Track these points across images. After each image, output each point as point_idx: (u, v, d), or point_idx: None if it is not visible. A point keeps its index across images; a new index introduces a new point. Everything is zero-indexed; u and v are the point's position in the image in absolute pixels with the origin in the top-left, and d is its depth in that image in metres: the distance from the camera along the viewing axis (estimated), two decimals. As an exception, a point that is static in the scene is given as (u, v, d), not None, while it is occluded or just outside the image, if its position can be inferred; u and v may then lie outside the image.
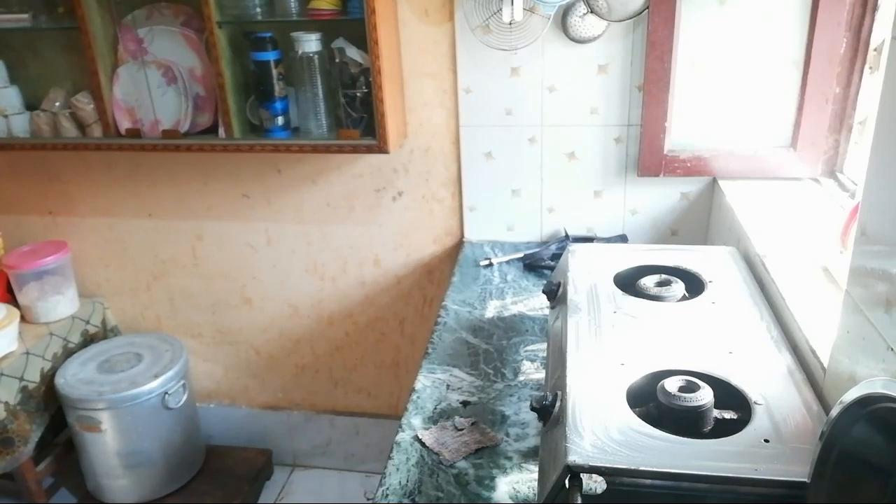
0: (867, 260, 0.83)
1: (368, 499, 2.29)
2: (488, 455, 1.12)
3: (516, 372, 1.35)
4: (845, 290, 0.88)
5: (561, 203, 1.88)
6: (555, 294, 1.27)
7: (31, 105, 1.95)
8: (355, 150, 1.72)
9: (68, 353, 2.12)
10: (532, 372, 1.34)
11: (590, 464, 0.78)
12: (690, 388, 0.88)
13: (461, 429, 1.18)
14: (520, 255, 1.82)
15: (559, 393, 0.93)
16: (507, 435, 1.17)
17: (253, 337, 2.31)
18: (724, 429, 0.86)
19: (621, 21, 1.62)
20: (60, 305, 2.13)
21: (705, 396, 0.87)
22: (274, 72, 1.70)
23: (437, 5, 1.73)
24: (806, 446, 0.81)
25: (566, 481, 0.78)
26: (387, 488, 1.06)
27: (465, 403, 1.26)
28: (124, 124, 1.84)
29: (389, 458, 1.12)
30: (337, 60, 1.69)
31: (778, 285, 1.19)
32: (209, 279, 2.23)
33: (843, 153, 1.62)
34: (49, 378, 2.02)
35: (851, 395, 0.65)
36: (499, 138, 1.83)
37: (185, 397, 2.10)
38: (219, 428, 2.44)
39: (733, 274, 1.25)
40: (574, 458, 0.79)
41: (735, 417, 0.89)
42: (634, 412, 0.88)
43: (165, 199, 2.13)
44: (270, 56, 1.69)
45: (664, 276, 1.21)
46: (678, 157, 1.71)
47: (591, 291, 1.20)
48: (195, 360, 2.37)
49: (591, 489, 0.77)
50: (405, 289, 2.12)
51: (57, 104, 1.90)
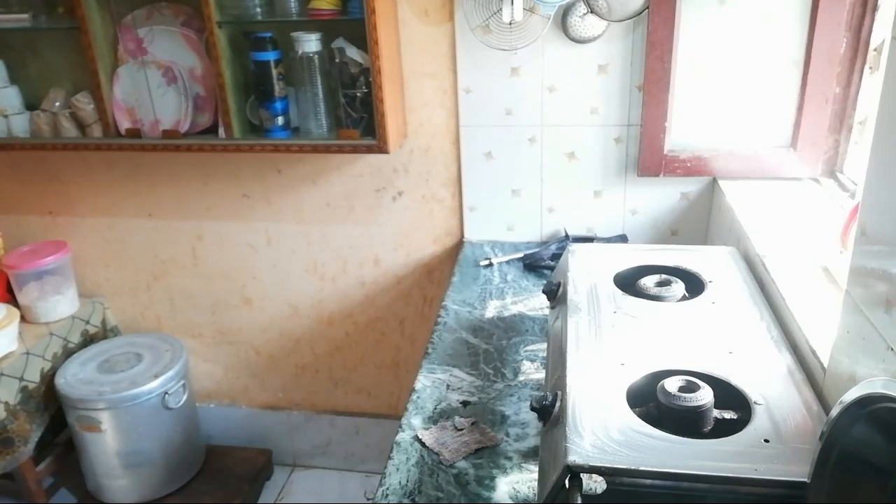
0: (867, 260, 0.83)
1: (368, 499, 2.29)
2: (488, 455, 1.12)
3: (516, 372, 1.35)
4: (845, 290, 0.88)
5: (561, 203, 1.88)
6: (555, 294, 1.27)
7: (31, 105, 1.95)
8: (355, 150, 1.72)
9: (68, 353, 2.12)
10: (532, 372, 1.34)
11: (590, 464, 0.78)
12: (690, 388, 0.88)
13: (461, 429, 1.18)
14: (520, 255, 1.82)
15: (559, 393, 0.93)
16: (507, 435, 1.17)
17: (253, 337, 2.31)
18: (724, 429, 0.86)
19: (621, 21, 1.62)
20: (60, 305, 2.13)
21: (705, 396, 0.87)
22: (274, 72, 1.70)
23: (437, 5, 1.73)
24: (806, 446, 0.81)
25: (566, 481, 0.78)
26: (387, 488, 1.06)
27: (465, 403, 1.26)
28: (124, 124, 1.84)
29: (389, 458, 1.12)
30: (337, 60, 1.69)
31: (778, 285, 1.19)
32: (209, 279, 2.23)
33: (843, 153, 1.62)
34: (49, 378, 2.02)
35: (851, 395, 0.65)
36: (499, 138, 1.83)
37: (185, 397, 2.10)
38: (219, 428, 2.44)
39: (733, 274, 1.25)
40: (574, 458, 0.79)
41: (735, 417, 0.89)
42: (634, 412, 0.88)
43: (165, 199, 2.13)
44: (270, 56, 1.69)
45: (664, 276, 1.21)
46: (678, 157, 1.71)
47: (591, 291, 1.20)
48: (195, 360, 2.37)
49: (591, 489, 0.77)
50: (405, 289, 2.12)
51: (57, 104, 1.90)
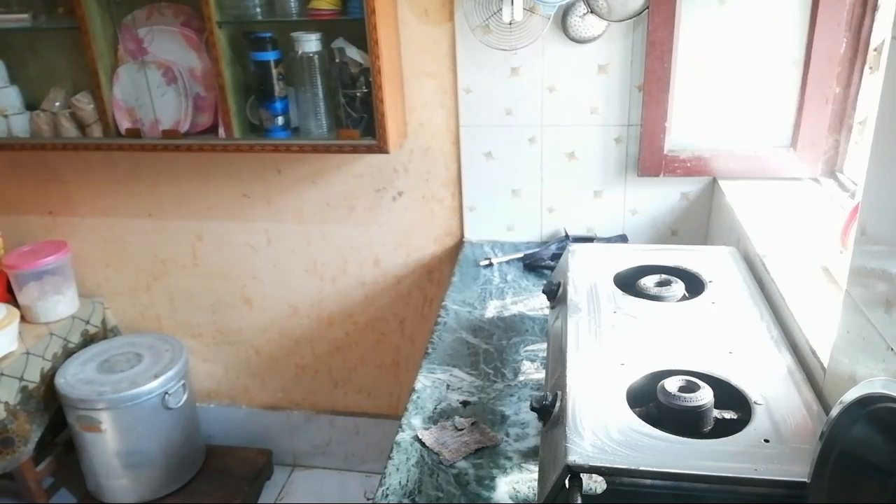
0: (867, 260, 0.83)
1: (368, 499, 2.29)
2: (488, 455, 1.12)
3: (516, 372, 1.35)
4: (845, 290, 0.88)
5: (561, 203, 1.88)
6: (555, 294, 1.27)
7: (31, 105, 1.95)
8: (355, 150, 1.72)
9: (68, 353, 2.12)
10: (532, 372, 1.34)
11: (590, 464, 0.78)
12: (690, 388, 0.88)
13: (461, 429, 1.18)
14: (520, 255, 1.82)
15: (559, 393, 0.93)
16: (507, 435, 1.17)
17: (253, 337, 2.31)
18: (724, 429, 0.86)
19: (621, 21, 1.62)
20: (60, 305, 2.13)
21: (705, 396, 0.87)
22: (274, 72, 1.70)
23: (437, 5, 1.73)
24: (806, 446, 0.81)
25: (566, 481, 0.78)
26: (387, 488, 1.06)
27: (465, 403, 1.26)
28: (124, 124, 1.84)
29: (389, 458, 1.12)
30: (337, 60, 1.69)
31: (778, 285, 1.19)
32: (209, 279, 2.23)
33: (843, 153, 1.62)
34: (49, 378, 2.02)
35: (851, 395, 0.65)
36: (499, 138, 1.83)
37: (185, 397, 2.10)
38: (219, 428, 2.44)
39: (733, 274, 1.25)
40: (574, 458, 0.79)
41: (735, 417, 0.89)
42: (634, 412, 0.88)
43: (165, 199, 2.13)
44: (270, 56, 1.69)
45: (664, 276, 1.21)
46: (678, 157, 1.71)
47: (591, 291, 1.20)
48: (195, 360, 2.37)
49: (591, 489, 0.77)
50: (405, 289, 2.12)
51: (57, 104, 1.90)
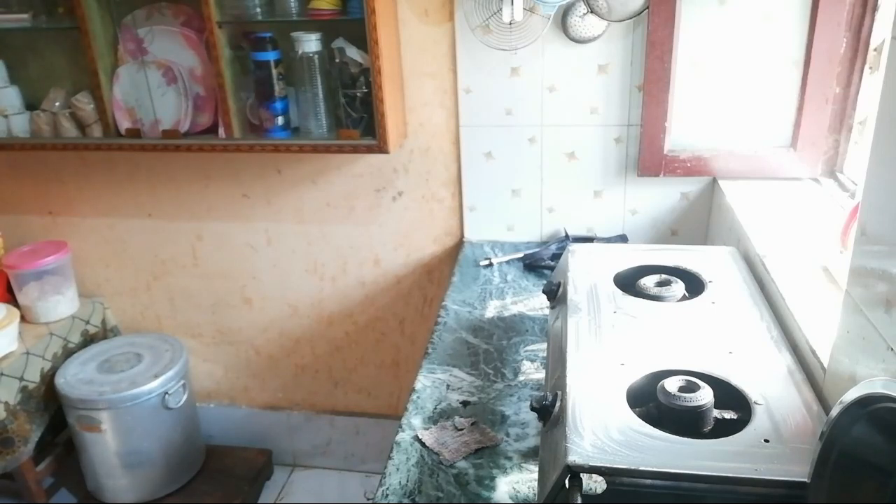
0: (867, 260, 0.83)
1: (368, 499, 2.29)
2: (488, 455, 1.12)
3: (516, 372, 1.35)
4: (845, 290, 0.88)
5: (561, 203, 1.88)
6: (555, 294, 1.27)
7: (31, 105, 1.95)
8: (355, 150, 1.72)
9: (68, 353, 2.11)
10: (532, 372, 1.34)
11: (590, 464, 0.78)
12: (690, 388, 0.88)
13: (461, 429, 1.18)
14: (520, 255, 1.82)
15: (559, 393, 0.93)
16: (507, 435, 1.16)
17: (253, 337, 2.31)
18: (724, 429, 0.86)
19: (621, 21, 1.62)
20: (60, 305, 2.13)
21: (705, 396, 0.87)
22: (274, 72, 1.70)
23: (437, 5, 1.73)
24: (806, 446, 0.81)
25: (566, 481, 0.78)
26: (387, 488, 1.06)
27: (465, 403, 1.26)
28: (124, 124, 1.84)
29: (389, 458, 1.12)
30: (337, 60, 1.69)
31: (778, 285, 1.19)
32: (209, 279, 2.23)
33: (843, 153, 1.62)
34: (49, 378, 2.02)
35: (851, 395, 0.65)
36: (499, 138, 1.83)
37: (185, 397, 2.10)
38: (219, 428, 2.44)
39: (733, 274, 1.25)
40: (574, 458, 0.79)
41: (735, 417, 0.89)
42: (634, 412, 0.88)
43: (165, 199, 2.13)
44: (270, 56, 1.69)
45: (664, 276, 1.21)
46: (678, 157, 1.71)
47: (591, 291, 1.20)
48: (195, 360, 2.37)
49: (591, 489, 0.77)
50: (405, 289, 2.12)
51: (57, 104, 1.90)
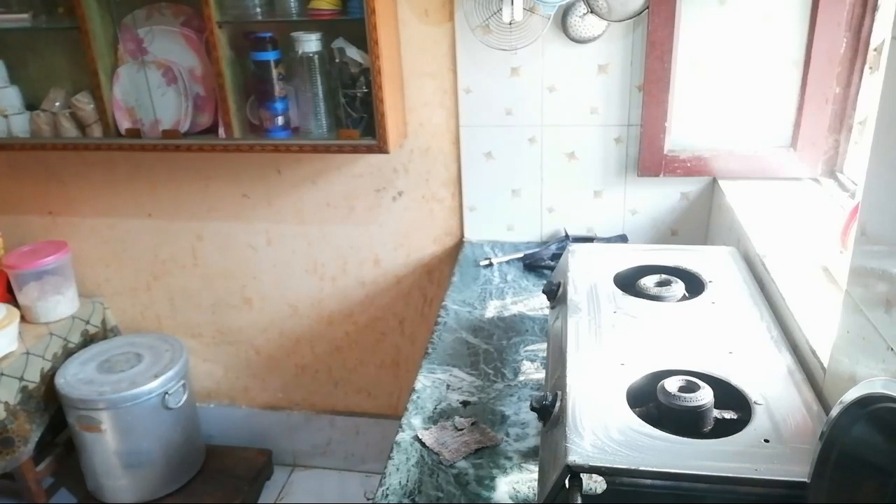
0: (867, 260, 0.83)
1: (368, 499, 2.29)
2: (488, 455, 1.12)
3: (516, 372, 1.35)
4: (845, 290, 0.88)
5: (561, 203, 1.88)
6: (555, 294, 1.27)
7: (31, 105, 1.95)
8: (355, 150, 1.72)
9: (68, 353, 2.11)
10: (532, 372, 1.34)
11: (590, 464, 0.78)
12: (690, 388, 0.88)
13: (461, 429, 1.18)
14: (520, 255, 1.82)
15: (559, 393, 0.93)
16: (507, 435, 1.16)
17: (253, 337, 2.31)
18: (724, 429, 0.86)
19: (621, 21, 1.62)
20: (60, 305, 2.13)
21: (705, 396, 0.87)
22: (274, 72, 1.70)
23: (437, 5, 1.73)
24: (806, 446, 0.81)
25: (566, 481, 0.78)
26: (387, 488, 1.06)
27: (465, 403, 1.26)
28: (124, 124, 1.84)
29: (389, 458, 1.12)
30: (337, 60, 1.69)
31: (778, 285, 1.19)
32: (209, 279, 2.23)
33: (843, 153, 1.62)
34: (49, 378, 2.02)
35: (851, 395, 0.65)
36: (499, 138, 1.83)
37: (185, 397, 2.10)
38: (219, 428, 2.44)
39: (733, 274, 1.25)
40: (574, 458, 0.79)
41: (735, 417, 0.89)
42: (634, 412, 0.88)
43: (165, 199, 2.13)
44: (270, 56, 1.69)
45: (664, 276, 1.21)
46: (678, 157, 1.71)
47: (591, 291, 1.20)
48: (195, 360, 2.37)
49: (591, 489, 0.77)
50: (405, 289, 2.12)
51: (57, 104, 1.90)
